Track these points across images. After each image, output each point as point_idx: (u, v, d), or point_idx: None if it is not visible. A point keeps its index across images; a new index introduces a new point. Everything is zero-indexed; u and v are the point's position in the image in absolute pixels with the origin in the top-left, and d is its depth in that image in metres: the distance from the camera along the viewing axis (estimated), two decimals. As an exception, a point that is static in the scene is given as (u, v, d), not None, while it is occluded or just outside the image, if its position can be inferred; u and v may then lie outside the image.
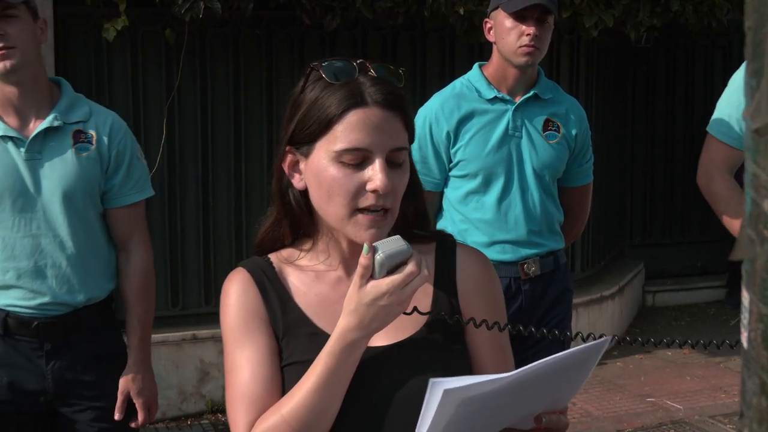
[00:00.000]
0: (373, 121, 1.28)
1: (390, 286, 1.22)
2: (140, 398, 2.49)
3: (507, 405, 1.21)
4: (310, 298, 1.39)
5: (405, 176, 1.33)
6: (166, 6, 4.45)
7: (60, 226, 2.38)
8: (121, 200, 2.49)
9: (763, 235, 0.53)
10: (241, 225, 5.11)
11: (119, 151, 2.46)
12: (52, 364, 2.40)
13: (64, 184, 2.37)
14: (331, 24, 4.75)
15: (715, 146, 2.64)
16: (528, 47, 2.78)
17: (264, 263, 1.42)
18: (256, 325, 1.36)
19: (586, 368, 1.28)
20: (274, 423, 1.27)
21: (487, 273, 1.46)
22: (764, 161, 0.53)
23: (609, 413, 5.00)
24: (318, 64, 1.34)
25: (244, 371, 1.33)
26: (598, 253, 6.73)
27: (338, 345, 1.26)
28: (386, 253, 1.24)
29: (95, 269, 2.46)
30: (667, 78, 7.66)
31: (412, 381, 1.31)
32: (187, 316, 5.02)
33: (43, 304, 2.38)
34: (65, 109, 2.41)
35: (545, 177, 2.91)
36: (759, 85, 0.53)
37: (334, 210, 1.30)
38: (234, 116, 5.08)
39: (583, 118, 3.01)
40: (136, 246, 2.52)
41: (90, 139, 2.42)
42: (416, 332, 1.36)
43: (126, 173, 2.48)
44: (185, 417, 4.93)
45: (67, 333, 2.41)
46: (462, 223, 2.91)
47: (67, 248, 2.39)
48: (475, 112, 2.88)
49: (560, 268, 2.98)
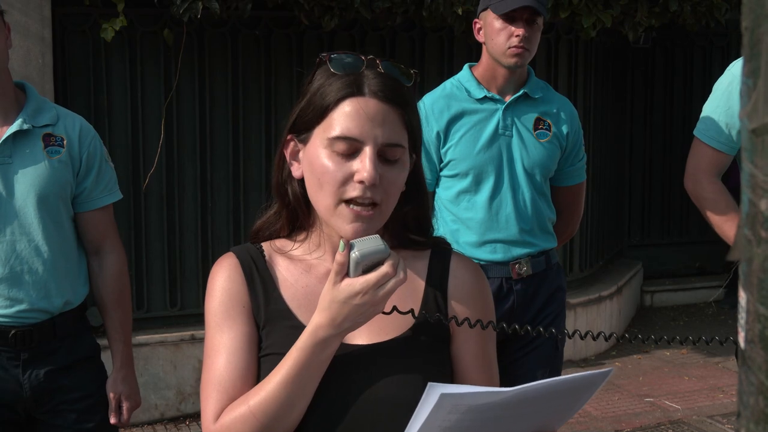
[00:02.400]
0: (367, 112, 1.27)
1: (364, 286, 1.21)
2: (128, 402, 2.51)
3: (500, 419, 1.19)
4: (296, 290, 1.38)
5: (399, 174, 1.31)
6: (165, 6, 4.45)
7: (35, 230, 2.35)
8: (92, 203, 2.47)
9: (759, 236, 0.53)
10: (240, 225, 5.11)
11: (89, 153, 2.44)
12: (29, 373, 2.37)
13: (37, 188, 2.34)
14: (329, 24, 4.75)
15: (702, 150, 2.66)
16: (517, 48, 2.78)
17: (255, 251, 1.42)
18: (237, 313, 1.35)
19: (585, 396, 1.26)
20: (241, 413, 1.27)
21: (479, 283, 1.45)
22: (761, 161, 0.53)
23: (607, 413, 5.01)
24: (327, 55, 1.33)
25: (221, 357, 1.33)
26: (597, 253, 6.73)
27: (309, 341, 1.25)
28: (362, 251, 1.21)
29: (69, 274, 2.43)
30: (666, 78, 7.66)
31: (387, 382, 1.30)
32: (186, 316, 5.02)
33: (21, 311, 2.35)
34: (33, 112, 2.38)
35: (536, 176, 2.91)
36: (756, 85, 0.53)
37: (323, 199, 1.29)
38: (232, 116, 5.08)
39: (575, 117, 3.01)
40: (110, 250, 2.51)
41: (60, 142, 2.39)
42: (399, 335, 1.35)
43: (96, 176, 2.46)
44: (183, 417, 4.93)
45: (43, 341, 2.38)
46: (453, 223, 2.91)
47: (43, 253, 2.36)
48: (465, 111, 2.88)
49: (552, 268, 2.97)
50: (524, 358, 2.86)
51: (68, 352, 2.43)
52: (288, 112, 1.41)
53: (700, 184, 2.66)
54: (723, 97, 2.62)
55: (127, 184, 4.72)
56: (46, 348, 2.39)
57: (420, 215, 1.43)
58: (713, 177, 2.65)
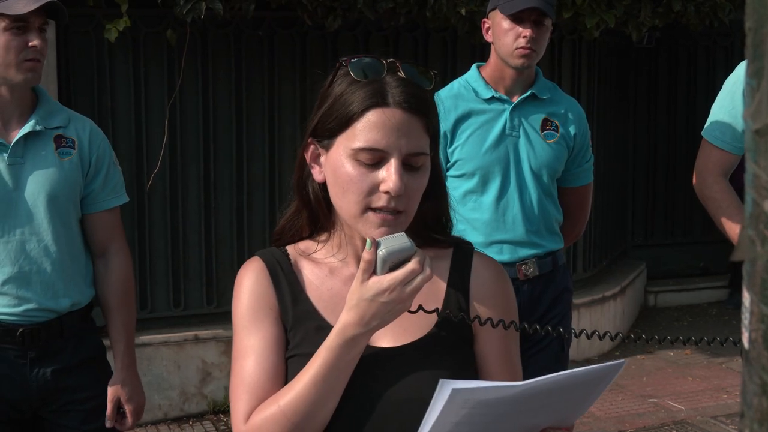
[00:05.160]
0: (392, 122, 1.28)
1: (391, 283, 1.22)
2: (130, 404, 2.51)
3: (513, 414, 1.20)
4: (321, 292, 1.39)
5: (422, 180, 1.32)
6: (168, 7, 4.45)
7: (45, 230, 2.37)
8: (100, 205, 2.49)
9: (763, 236, 0.53)
10: (243, 225, 5.11)
11: (99, 156, 2.48)
12: (36, 371, 2.38)
13: (48, 188, 2.37)
14: (332, 25, 4.75)
15: (709, 150, 2.70)
16: (525, 49, 2.78)
17: (280, 254, 1.43)
18: (265, 315, 1.37)
19: (598, 389, 1.26)
20: (272, 413, 1.28)
21: (501, 282, 1.45)
22: (765, 162, 0.53)
23: (611, 414, 5.00)
24: (348, 59, 1.34)
25: (249, 359, 1.34)
26: (600, 254, 6.73)
27: (338, 340, 1.26)
28: (389, 249, 1.22)
29: (76, 275, 2.45)
30: (669, 78, 7.65)
31: (413, 384, 1.31)
32: (189, 316, 5.02)
33: (28, 310, 2.36)
34: (45, 114, 2.42)
35: (543, 176, 2.90)
36: (759, 85, 0.53)
37: (348, 206, 1.30)
38: (235, 117, 5.08)
39: (582, 118, 3.00)
40: (116, 252, 2.53)
41: (71, 144, 2.43)
42: (423, 336, 1.36)
43: (104, 178, 2.49)
44: (187, 418, 4.93)
45: (51, 340, 2.40)
46: (460, 223, 2.90)
47: (52, 253, 2.38)
48: (473, 111, 2.87)
49: (559, 269, 2.97)
50: (531, 358, 2.86)
51: (74, 351, 2.45)
52: (291, 112, 1.41)
53: (707, 183, 2.68)
54: (727, 98, 2.65)
55: (130, 185, 4.71)
56: (53, 347, 2.41)
57: (440, 211, 1.44)
58: (719, 177, 2.67)
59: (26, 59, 2.30)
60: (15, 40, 2.29)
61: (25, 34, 2.30)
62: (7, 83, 2.35)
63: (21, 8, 2.26)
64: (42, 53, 2.33)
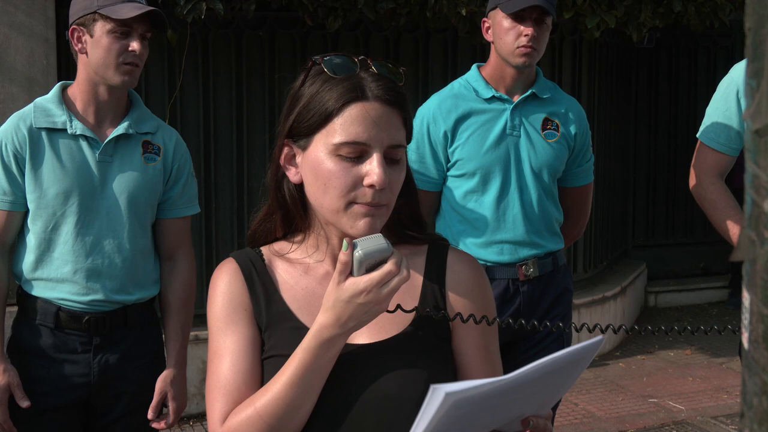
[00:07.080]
0: (372, 115, 1.28)
1: (367, 284, 1.21)
2: (175, 402, 2.59)
3: (498, 407, 1.19)
4: (296, 292, 1.39)
5: (402, 173, 1.33)
6: (168, 7, 4.45)
7: (121, 229, 2.48)
8: (175, 212, 2.61)
9: (763, 236, 0.53)
10: (244, 226, 5.11)
11: (180, 165, 2.60)
12: (99, 357, 2.48)
13: (130, 189, 2.48)
14: (333, 25, 4.75)
15: (705, 152, 2.75)
16: (526, 48, 2.78)
17: (254, 255, 1.43)
18: (239, 316, 1.36)
19: (576, 371, 1.26)
20: (247, 416, 1.28)
21: (477, 277, 1.45)
22: (764, 162, 0.53)
23: (611, 414, 5.00)
24: (320, 58, 1.35)
25: (225, 361, 1.34)
26: (601, 254, 6.73)
27: (314, 341, 1.25)
28: (365, 250, 1.22)
29: (144, 274, 2.55)
30: (670, 78, 7.66)
31: (391, 381, 1.30)
32: (190, 316, 5.02)
33: (95, 300, 2.46)
34: (137, 119, 2.54)
35: (544, 176, 2.90)
36: (759, 86, 0.53)
37: (330, 202, 1.30)
38: (236, 117, 5.08)
39: (583, 118, 3.00)
40: (183, 257, 2.63)
41: (157, 151, 2.55)
42: (400, 332, 1.36)
43: (183, 187, 2.60)
44: (187, 418, 4.94)
45: (115, 328, 2.50)
46: (460, 223, 2.89)
47: (124, 251, 2.48)
48: (473, 111, 2.87)
49: (559, 269, 2.96)
50: (531, 359, 2.85)
51: (137, 340, 2.54)
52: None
53: (702, 185, 2.74)
54: (722, 100, 2.70)
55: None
56: (117, 334, 2.50)
57: (413, 209, 1.44)
58: (715, 178, 2.73)
59: (125, 62, 2.41)
60: (117, 43, 2.40)
61: (127, 39, 2.41)
62: (105, 83, 2.45)
63: (125, 13, 2.37)
64: (141, 58, 2.43)
